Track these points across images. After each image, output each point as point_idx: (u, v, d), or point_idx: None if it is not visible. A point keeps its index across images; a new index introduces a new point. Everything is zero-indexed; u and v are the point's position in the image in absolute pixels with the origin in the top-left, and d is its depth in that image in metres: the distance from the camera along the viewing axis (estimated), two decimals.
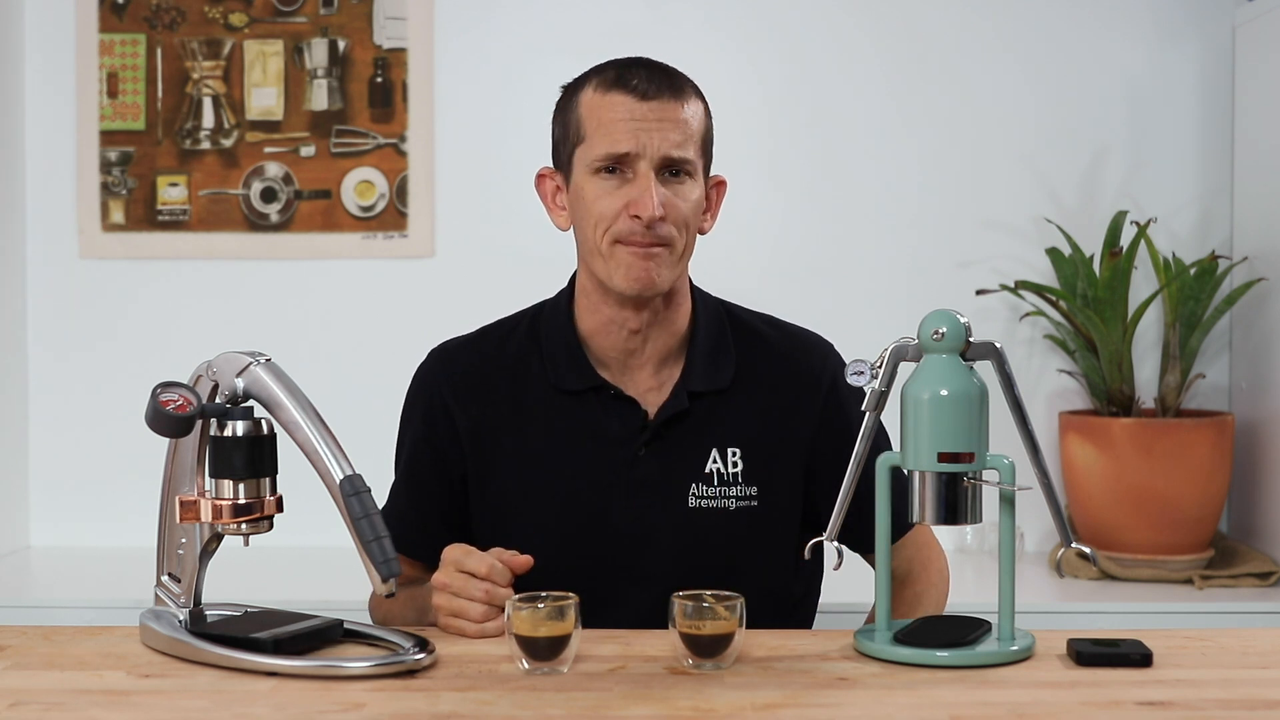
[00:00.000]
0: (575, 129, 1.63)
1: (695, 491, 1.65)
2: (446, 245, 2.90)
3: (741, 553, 1.66)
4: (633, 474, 1.64)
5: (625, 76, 1.60)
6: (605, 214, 1.59)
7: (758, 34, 2.90)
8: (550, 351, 1.69)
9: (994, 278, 2.83)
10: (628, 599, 1.63)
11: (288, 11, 2.89)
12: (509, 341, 1.73)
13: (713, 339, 1.71)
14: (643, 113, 1.58)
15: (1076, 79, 2.90)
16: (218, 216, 2.90)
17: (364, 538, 1.33)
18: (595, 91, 1.61)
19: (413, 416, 1.74)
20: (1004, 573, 1.43)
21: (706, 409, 1.67)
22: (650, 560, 1.64)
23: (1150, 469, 2.55)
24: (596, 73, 1.64)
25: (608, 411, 1.66)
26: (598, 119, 1.60)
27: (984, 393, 1.41)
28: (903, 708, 1.25)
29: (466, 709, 1.24)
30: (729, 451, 1.67)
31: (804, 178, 2.91)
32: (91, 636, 1.49)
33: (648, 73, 1.61)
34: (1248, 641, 1.48)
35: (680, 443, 1.66)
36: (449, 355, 1.74)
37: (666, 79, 1.62)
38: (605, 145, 1.58)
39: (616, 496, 1.64)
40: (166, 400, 1.34)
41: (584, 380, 1.67)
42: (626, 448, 1.65)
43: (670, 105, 1.60)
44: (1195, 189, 2.89)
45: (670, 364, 1.69)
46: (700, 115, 1.64)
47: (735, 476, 1.66)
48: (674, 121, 1.59)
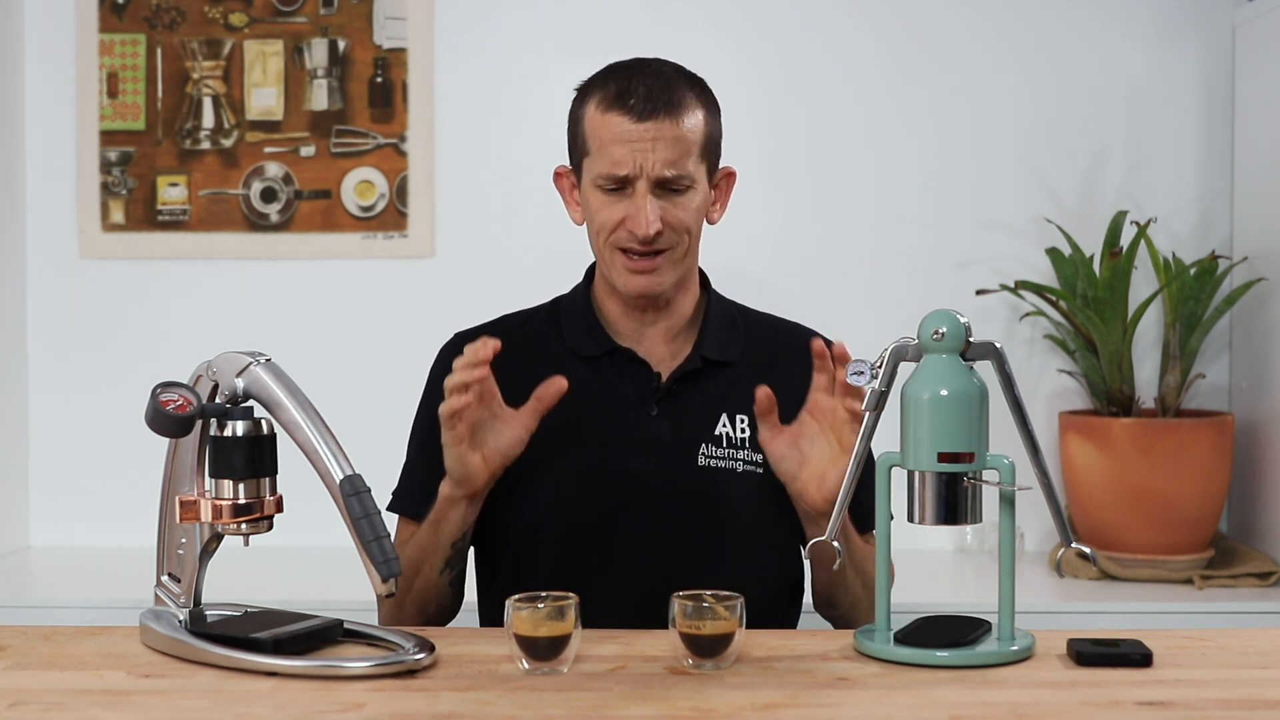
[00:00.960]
0: (581, 141, 1.70)
1: (705, 451, 1.71)
2: (446, 245, 2.90)
3: (747, 514, 1.71)
4: (645, 433, 1.70)
5: (624, 94, 1.65)
6: (606, 224, 1.67)
7: (758, 34, 2.90)
8: (569, 324, 1.77)
9: (994, 278, 2.83)
10: (637, 559, 1.68)
11: (288, 11, 2.89)
12: (529, 323, 1.81)
13: (724, 322, 1.79)
14: (638, 134, 1.63)
15: (1076, 79, 2.89)
16: (218, 216, 2.90)
17: (364, 538, 1.33)
18: (597, 109, 1.67)
19: (435, 389, 1.75)
20: (1004, 573, 1.43)
21: (717, 377, 1.74)
22: (660, 518, 1.69)
23: (1150, 469, 2.55)
24: (600, 84, 1.69)
25: (621, 374, 1.73)
26: (598, 138, 1.66)
27: (984, 393, 1.41)
28: (903, 708, 1.25)
29: (466, 709, 1.24)
30: (737, 418, 1.72)
31: (804, 177, 2.91)
32: (91, 636, 1.49)
33: (646, 89, 1.64)
34: (1248, 641, 1.48)
35: (692, 404, 1.72)
36: (470, 334, 1.79)
37: (665, 94, 1.65)
38: (605, 166, 1.65)
39: (629, 455, 1.69)
40: (166, 400, 1.34)
41: (600, 345, 1.74)
42: (640, 409, 1.71)
43: (666, 124, 1.64)
44: (1195, 189, 2.89)
45: (683, 337, 1.77)
46: (700, 124, 1.67)
47: (743, 441, 1.72)
48: (670, 140, 1.64)
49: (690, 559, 1.68)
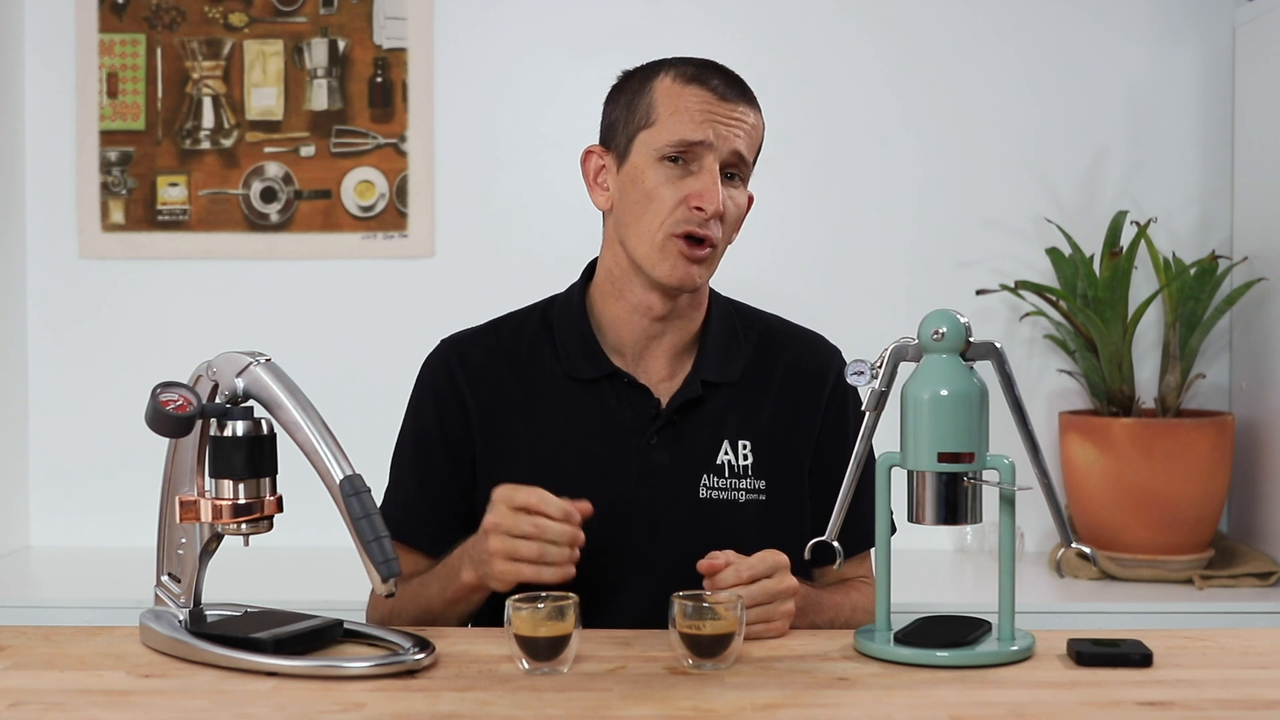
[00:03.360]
0: (644, 113, 1.64)
1: (706, 483, 1.67)
2: (446, 245, 2.90)
3: (749, 545, 1.65)
4: (644, 462, 1.65)
5: (705, 75, 1.64)
6: (665, 202, 1.61)
7: (758, 34, 2.90)
8: (564, 340, 1.71)
9: (994, 278, 2.83)
10: (635, 587, 1.64)
11: (288, 11, 2.89)
12: (522, 331, 1.74)
13: (725, 334, 1.74)
14: (722, 110, 1.62)
15: (1076, 79, 2.90)
16: (218, 216, 2.90)
17: (364, 538, 1.33)
18: (675, 81, 1.64)
19: (422, 403, 1.73)
20: (1004, 573, 1.43)
21: (718, 401, 1.69)
22: (659, 549, 1.65)
23: (1150, 469, 2.55)
24: (671, 63, 1.66)
25: (620, 400, 1.68)
26: (674, 106, 1.62)
27: (984, 393, 1.41)
28: (903, 708, 1.25)
29: (466, 709, 1.24)
30: (740, 444, 1.68)
31: (805, 177, 2.91)
32: (91, 636, 1.49)
33: (725, 77, 1.66)
34: (1248, 641, 1.48)
35: (692, 433, 1.68)
36: (460, 342, 1.75)
37: (740, 85, 1.67)
38: (680, 131, 1.61)
39: (627, 485, 1.64)
40: (166, 400, 1.34)
41: (597, 368, 1.68)
42: (638, 436, 1.66)
43: (744, 110, 1.65)
44: (1195, 189, 2.89)
45: (683, 356, 1.71)
46: (760, 127, 1.69)
47: (745, 469, 1.68)
48: (747, 126, 1.64)
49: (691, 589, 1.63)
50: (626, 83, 1.69)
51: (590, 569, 1.58)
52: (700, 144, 1.60)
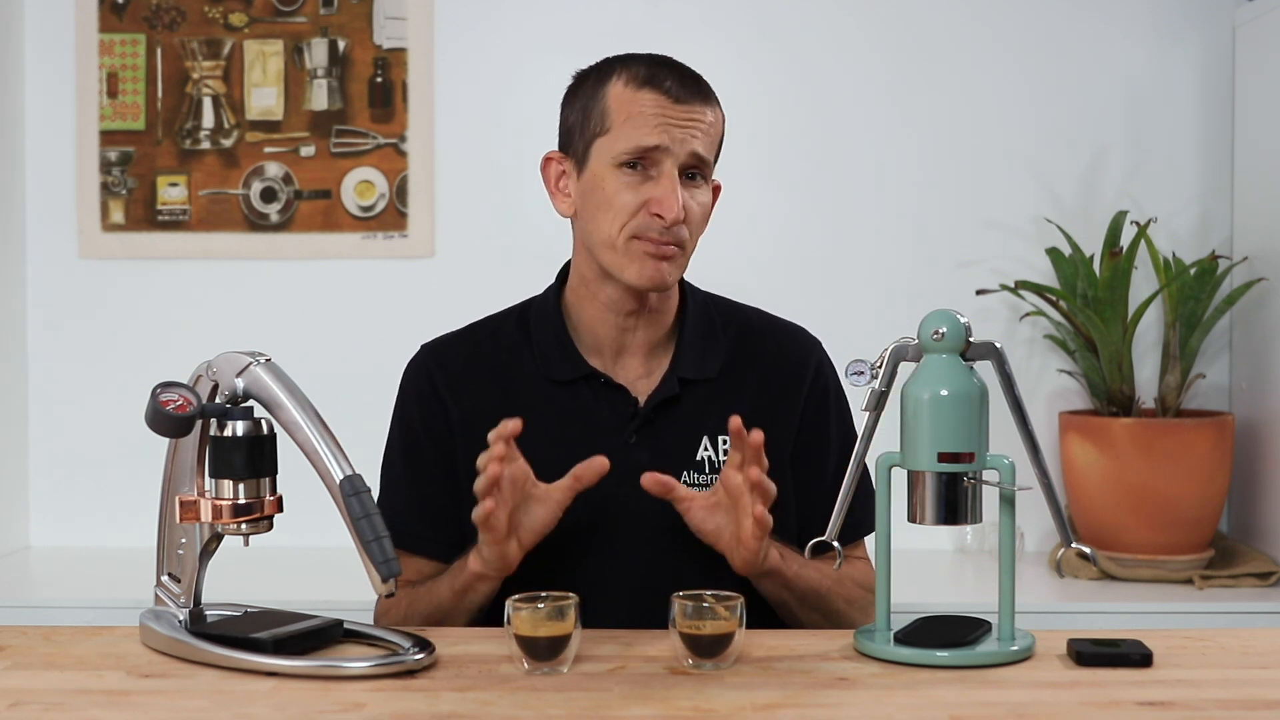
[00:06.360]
0: (599, 119, 1.63)
1: (687, 479, 1.66)
2: (446, 245, 2.90)
3: None
4: (623, 462, 1.62)
5: (657, 76, 1.61)
6: (625, 208, 1.60)
7: (758, 34, 2.90)
8: (540, 343, 1.71)
9: (994, 278, 2.83)
10: (618, 588, 1.63)
11: (288, 11, 2.89)
12: (499, 335, 1.74)
13: (701, 329, 1.73)
14: (675, 113, 1.60)
15: (1076, 79, 2.90)
16: (218, 216, 2.90)
17: (364, 538, 1.33)
18: (626, 86, 1.61)
19: (407, 409, 1.74)
20: (1004, 573, 1.43)
21: (696, 397, 1.69)
22: (641, 549, 1.64)
23: (1150, 469, 2.55)
24: (623, 65, 1.64)
25: (598, 400, 1.68)
26: (627, 112, 1.60)
27: (984, 393, 1.41)
28: (903, 708, 1.25)
29: (466, 709, 1.24)
30: (719, 439, 1.68)
31: (804, 177, 2.91)
32: (91, 636, 1.49)
33: (679, 77, 1.63)
34: (1248, 641, 1.48)
35: (671, 430, 1.68)
36: (439, 348, 1.75)
37: (696, 84, 1.64)
38: (635, 139, 1.59)
39: (608, 484, 1.61)
40: (166, 400, 1.34)
41: (575, 369, 1.68)
42: (617, 435, 1.66)
43: (699, 109, 1.62)
44: (1195, 189, 2.89)
45: (659, 353, 1.72)
46: (719, 122, 1.66)
47: (725, 465, 1.66)
48: (703, 126, 1.62)
49: (674, 588, 1.60)
50: (580, 86, 1.67)
51: (573, 570, 1.58)
52: (657, 149, 1.59)
